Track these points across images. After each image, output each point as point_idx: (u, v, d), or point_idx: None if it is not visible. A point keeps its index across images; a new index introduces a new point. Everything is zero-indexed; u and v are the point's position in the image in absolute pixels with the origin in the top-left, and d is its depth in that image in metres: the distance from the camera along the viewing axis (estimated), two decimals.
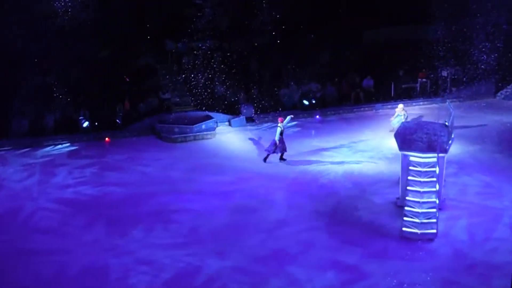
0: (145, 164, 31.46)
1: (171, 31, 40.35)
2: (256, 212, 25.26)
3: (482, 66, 42.83)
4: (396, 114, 35.26)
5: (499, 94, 44.01)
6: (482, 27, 42.82)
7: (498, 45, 42.58)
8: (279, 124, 31.25)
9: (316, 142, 34.46)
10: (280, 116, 32.68)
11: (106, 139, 35.41)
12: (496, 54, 42.70)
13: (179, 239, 23.10)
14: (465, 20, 42.78)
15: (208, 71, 39.85)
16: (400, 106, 35.69)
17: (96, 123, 36.47)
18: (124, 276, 20.60)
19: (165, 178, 29.41)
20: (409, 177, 24.13)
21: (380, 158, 31.47)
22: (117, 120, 36.84)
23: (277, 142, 30.83)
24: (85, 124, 36.16)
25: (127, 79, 39.36)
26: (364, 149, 33.09)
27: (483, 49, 42.76)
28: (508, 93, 43.49)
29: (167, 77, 40.17)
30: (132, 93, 38.46)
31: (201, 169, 30.37)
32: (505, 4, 42.25)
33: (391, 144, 27.47)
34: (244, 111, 38.56)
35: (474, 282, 20.03)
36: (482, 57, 42.73)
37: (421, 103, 42.07)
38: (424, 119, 32.96)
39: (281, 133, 31.00)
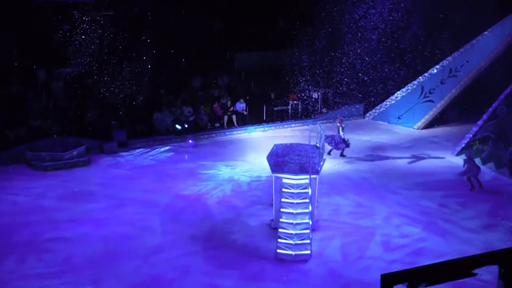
0: (15, 194, 30.48)
1: (40, 57, 39.48)
2: (131, 239, 24.94)
3: (352, 86, 43.91)
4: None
5: (367, 114, 45.16)
6: (351, 50, 43.98)
7: (369, 63, 43.79)
8: (338, 124, 35.06)
9: (190, 167, 34.42)
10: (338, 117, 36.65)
11: None
12: (365, 76, 43.91)
13: (54, 268, 22.49)
14: (334, 44, 43.90)
15: (78, 96, 39.25)
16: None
17: None
18: None
19: (37, 207, 28.57)
20: (282, 199, 24.41)
21: (254, 181, 31.71)
22: None
23: (343, 138, 34.64)
24: None
25: None
26: (238, 172, 33.27)
27: (354, 71, 43.90)
28: (376, 113, 44.68)
29: (37, 104, 39.25)
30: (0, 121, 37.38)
31: (73, 197, 29.75)
32: (376, 25, 43.57)
33: (264, 166, 27.69)
34: (117, 136, 38.05)
35: None
36: (351, 79, 43.83)
37: (293, 125, 42.69)
38: (295, 141, 33.33)
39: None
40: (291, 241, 23.15)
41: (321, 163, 25.78)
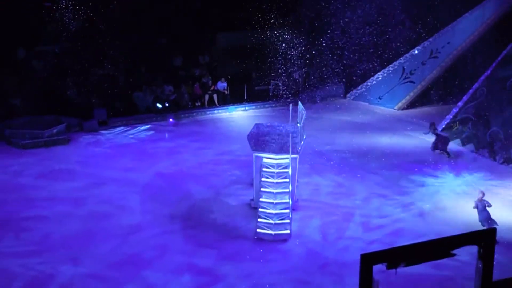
0: None
1: (19, 34, 38.98)
2: (109, 218, 24.84)
3: (335, 68, 43.86)
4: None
5: (348, 95, 45.16)
6: (332, 31, 43.85)
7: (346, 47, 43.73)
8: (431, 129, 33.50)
9: (170, 146, 34.30)
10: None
11: None
12: (346, 55, 43.86)
13: (31, 247, 22.37)
14: (316, 24, 43.77)
15: (59, 74, 38.94)
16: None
17: None
18: None
19: (14, 185, 28.32)
20: (263, 179, 24.39)
21: (234, 160, 31.61)
22: None
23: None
24: None
25: None
26: (218, 152, 33.16)
27: (335, 52, 43.83)
28: (357, 93, 44.68)
29: (16, 82, 38.81)
30: None
31: (52, 175, 29.54)
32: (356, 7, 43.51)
33: (245, 145, 27.61)
34: (97, 114, 37.77)
35: (327, 281, 20.42)
36: (332, 59, 43.75)
37: (274, 105, 42.59)
38: (276, 120, 33.25)
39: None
40: (270, 221, 23.15)
41: (302, 142, 25.78)
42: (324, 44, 44.09)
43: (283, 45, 43.27)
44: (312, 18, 43.88)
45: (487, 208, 23.38)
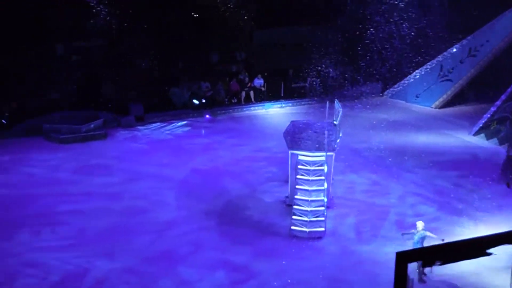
0: (31, 165, 30.48)
1: (59, 29, 39.25)
2: (145, 213, 25.01)
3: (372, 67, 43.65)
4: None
5: (386, 92, 44.89)
6: (373, 29, 43.60)
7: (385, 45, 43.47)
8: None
9: (207, 142, 34.37)
10: None
11: None
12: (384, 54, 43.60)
13: (67, 241, 22.61)
14: (355, 22, 43.53)
15: (97, 70, 39.17)
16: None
17: None
18: (9, 280, 20.02)
19: (52, 179, 28.64)
20: (298, 176, 24.37)
21: (270, 157, 31.58)
22: (3, 120, 35.64)
23: None
24: None
25: None
26: (254, 148, 33.18)
27: (372, 49, 43.56)
28: (394, 92, 44.41)
29: (55, 77, 39.11)
30: (18, 93, 37.18)
31: (89, 170, 29.77)
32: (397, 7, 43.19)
33: (280, 142, 27.58)
34: (134, 110, 37.95)
35: (361, 279, 20.42)
36: (372, 57, 43.49)
37: (310, 102, 42.47)
38: (313, 118, 33.14)
39: None
40: (305, 218, 23.13)
41: (338, 140, 25.70)
42: (362, 43, 43.82)
43: (321, 42, 43.10)
44: (352, 14, 43.62)
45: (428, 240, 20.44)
